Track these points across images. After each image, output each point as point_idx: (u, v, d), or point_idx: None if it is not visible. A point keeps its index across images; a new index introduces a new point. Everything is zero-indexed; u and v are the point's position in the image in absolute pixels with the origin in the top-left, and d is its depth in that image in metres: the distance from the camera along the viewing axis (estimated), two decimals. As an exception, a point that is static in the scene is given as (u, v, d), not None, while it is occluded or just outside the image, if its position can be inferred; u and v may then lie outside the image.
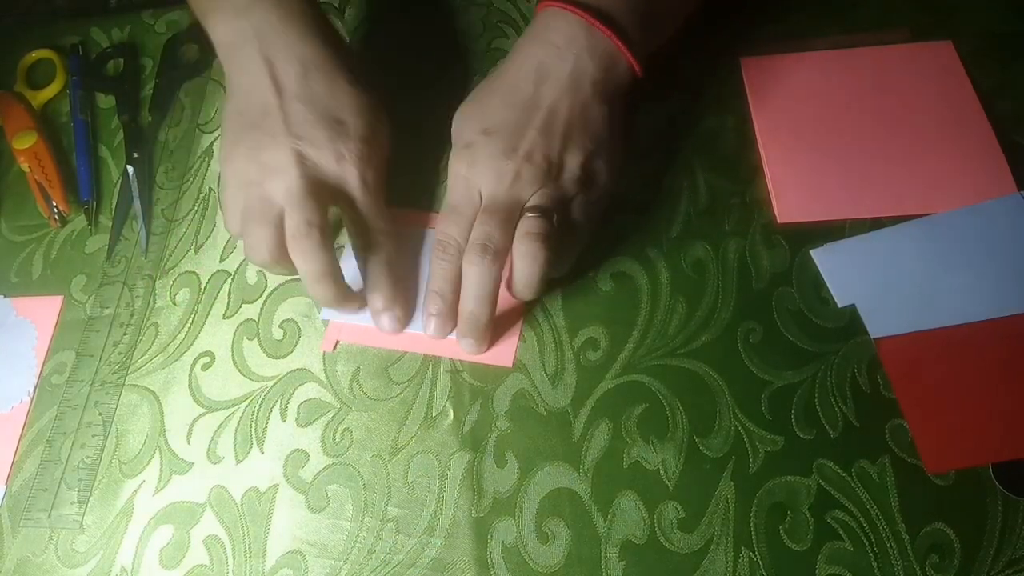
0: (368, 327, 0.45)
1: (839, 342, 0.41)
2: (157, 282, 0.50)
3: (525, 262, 0.40)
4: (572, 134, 0.42)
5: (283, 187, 0.42)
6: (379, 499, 0.41)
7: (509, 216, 0.41)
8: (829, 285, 0.43)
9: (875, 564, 0.36)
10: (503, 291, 0.42)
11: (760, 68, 0.50)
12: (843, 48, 0.50)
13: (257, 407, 0.44)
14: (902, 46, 0.49)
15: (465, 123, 0.44)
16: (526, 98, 0.43)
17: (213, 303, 0.48)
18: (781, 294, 0.43)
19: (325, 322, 0.46)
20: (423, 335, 0.44)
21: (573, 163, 0.42)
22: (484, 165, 0.42)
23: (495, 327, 0.43)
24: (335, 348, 0.45)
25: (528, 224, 0.40)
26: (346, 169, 0.43)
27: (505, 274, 0.42)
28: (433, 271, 0.43)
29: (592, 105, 0.43)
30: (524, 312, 0.45)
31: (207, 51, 0.58)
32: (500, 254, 0.40)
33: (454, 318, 0.43)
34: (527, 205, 0.41)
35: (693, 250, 0.45)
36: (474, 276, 0.41)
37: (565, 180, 0.42)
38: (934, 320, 0.41)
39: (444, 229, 0.43)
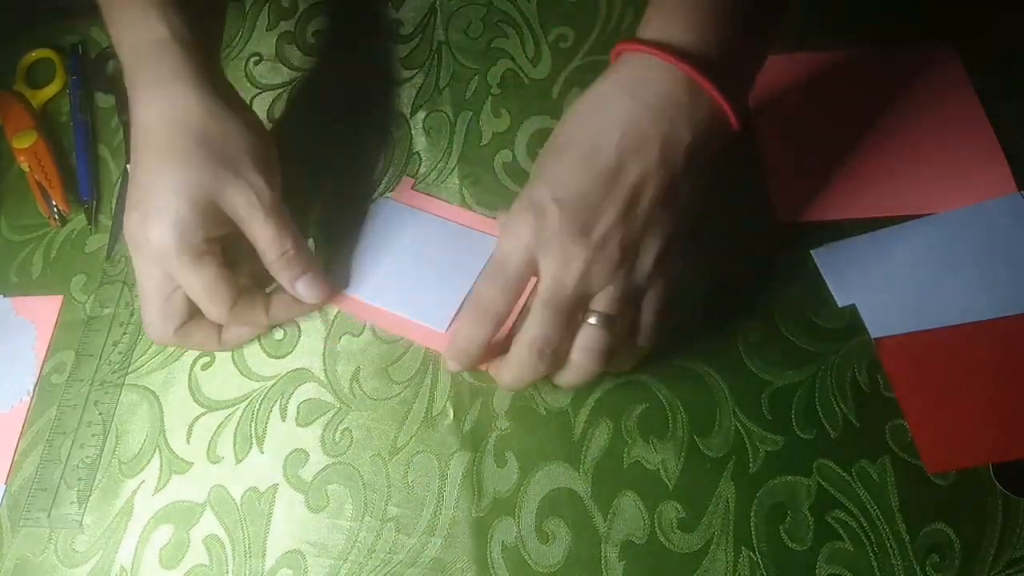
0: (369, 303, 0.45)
1: (839, 342, 0.41)
2: (157, 282, 0.50)
3: (575, 372, 0.37)
4: (655, 217, 0.36)
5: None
6: (379, 499, 0.41)
7: (573, 317, 0.36)
8: (829, 285, 0.43)
9: (875, 564, 0.36)
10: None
11: (760, 68, 0.50)
12: (844, 49, 0.50)
13: (257, 407, 0.44)
14: (902, 47, 0.49)
15: (539, 181, 0.38)
16: (608, 167, 0.36)
17: (213, 303, 0.48)
18: (781, 294, 0.43)
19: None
20: (429, 330, 0.44)
21: (650, 253, 0.37)
22: (551, 243, 0.36)
23: (502, 343, 0.40)
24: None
25: (589, 338, 0.36)
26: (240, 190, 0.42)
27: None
28: (461, 330, 0.39)
29: (683, 183, 0.37)
30: None
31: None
32: (558, 359, 0.37)
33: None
34: (592, 307, 0.37)
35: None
36: (516, 367, 0.37)
37: (637, 274, 0.37)
38: (934, 320, 0.41)
39: (485, 292, 0.38)
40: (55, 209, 0.53)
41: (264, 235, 0.42)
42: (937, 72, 0.48)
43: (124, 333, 0.48)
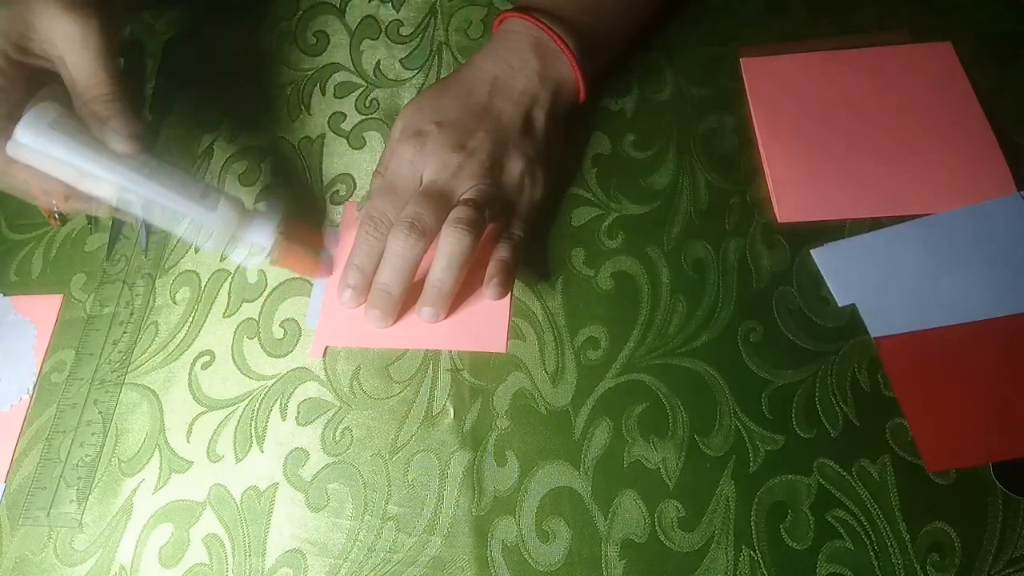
0: (356, 330, 0.45)
1: (839, 341, 0.41)
2: (157, 281, 0.50)
3: (449, 245, 0.41)
4: (517, 142, 0.45)
5: None
6: (379, 498, 0.41)
7: (443, 202, 0.43)
8: (829, 284, 0.43)
9: (876, 563, 0.36)
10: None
11: (760, 68, 0.50)
12: (843, 48, 0.50)
13: (257, 406, 0.44)
14: (902, 47, 0.49)
15: (418, 113, 0.46)
16: (479, 103, 0.46)
17: (213, 302, 0.48)
18: (781, 293, 0.43)
19: (311, 329, 0.46)
20: (411, 330, 0.45)
21: (514, 168, 0.45)
22: (432, 153, 0.44)
23: (481, 315, 0.44)
24: (325, 354, 0.45)
25: (458, 211, 0.42)
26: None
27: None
28: (358, 244, 0.44)
29: (537, 120, 0.46)
30: (512, 298, 0.45)
31: (206, 52, 0.58)
32: (426, 235, 0.42)
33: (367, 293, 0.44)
34: (462, 196, 0.43)
35: (693, 250, 0.45)
36: (396, 249, 0.42)
37: (503, 182, 0.44)
38: (934, 319, 0.41)
39: (378, 206, 0.44)
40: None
41: (79, 71, 0.40)
42: (937, 73, 0.48)
43: (124, 332, 0.48)
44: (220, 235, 0.43)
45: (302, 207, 0.50)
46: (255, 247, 0.44)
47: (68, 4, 0.40)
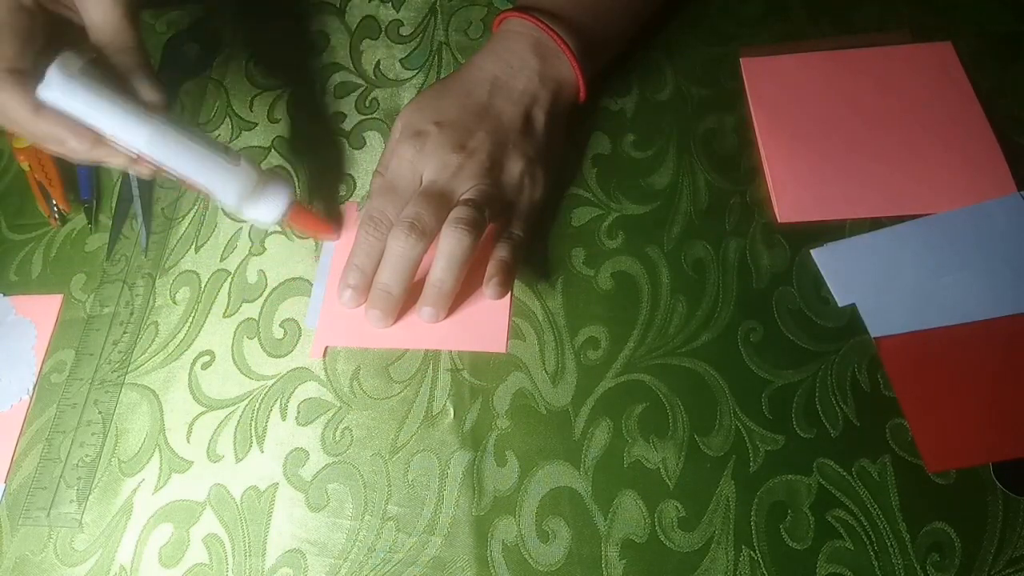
0: (356, 330, 0.45)
1: (839, 341, 0.41)
2: (157, 281, 0.50)
3: (449, 245, 0.41)
4: (517, 142, 0.45)
5: None
6: (379, 498, 0.41)
7: (443, 202, 0.43)
8: (829, 284, 0.43)
9: (876, 563, 0.36)
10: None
11: (760, 68, 0.50)
12: (843, 49, 0.50)
13: (257, 406, 0.44)
14: (902, 47, 0.49)
15: (418, 113, 0.46)
16: (479, 103, 0.46)
17: (213, 302, 0.48)
18: (781, 293, 0.43)
19: (311, 330, 0.46)
20: (411, 330, 0.45)
21: (514, 168, 0.45)
22: (432, 153, 0.44)
23: (481, 315, 0.44)
24: (325, 354, 0.45)
25: (458, 211, 0.42)
26: None
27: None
28: (358, 244, 0.44)
29: (537, 120, 0.46)
30: (512, 298, 0.45)
31: (208, 50, 0.58)
32: (426, 235, 0.42)
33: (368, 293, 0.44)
34: (462, 197, 0.43)
35: (693, 250, 0.45)
36: (396, 249, 0.42)
37: (503, 182, 0.44)
38: (934, 319, 0.41)
39: (378, 205, 0.44)
40: (55, 208, 0.53)
41: (107, 23, 0.40)
42: (937, 73, 0.48)
43: (124, 332, 0.48)
44: (242, 189, 0.42)
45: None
46: (271, 206, 0.44)
47: None
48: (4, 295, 0.51)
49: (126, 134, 0.40)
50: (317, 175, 0.52)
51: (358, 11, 0.58)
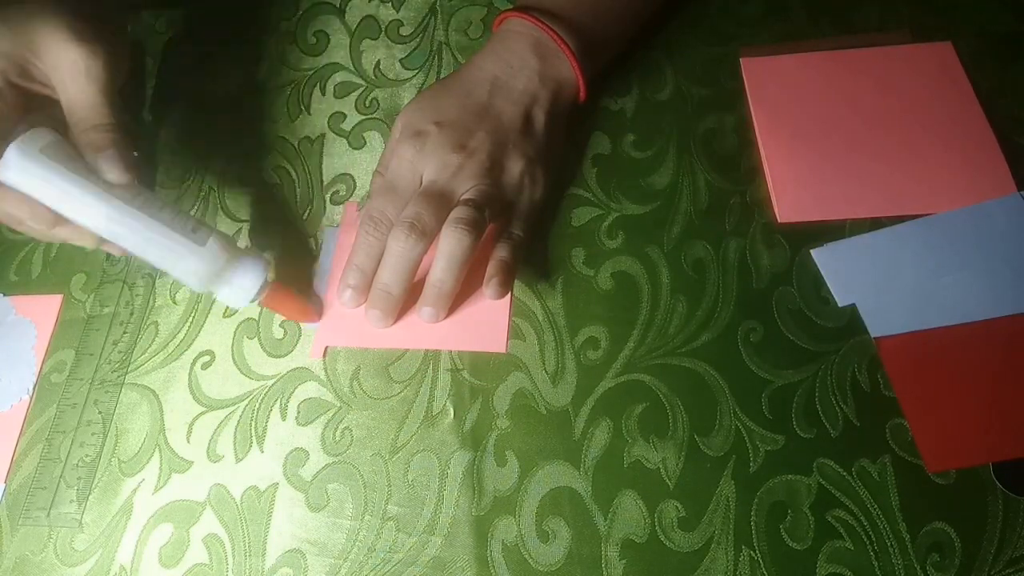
0: (356, 330, 0.45)
1: (839, 341, 0.41)
2: (157, 281, 0.50)
3: (449, 245, 0.41)
4: (517, 142, 0.45)
5: None
6: (379, 498, 0.41)
7: (444, 202, 0.43)
8: (829, 284, 0.43)
9: (876, 563, 0.36)
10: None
11: (760, 68, 0.50)
12: (843, 49, 0.50)
13: (257, 406, 0.44)
14: (902, 47, 0.49)
15: (418, 113, 0.46)
16: (479, 103, 0.46)
17: (213, 302, 0.48)
18: (781, 293, 0.43)
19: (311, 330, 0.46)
20: (411, 330, 0.45)
21: (514, 168, 0.45)
22: (432, 153, 0.44)
23: (481, 315, 0.44)
24: (325, 354, 0.45)
25: (458, 211, 0.42)
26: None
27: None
28: (358, 244, 0.44)
29: (537, 120, 0.46)
30: (512, 298, 0.45)
31: (208, 50, 0.58)
32: (426, 235, 0.42)
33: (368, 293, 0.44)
34: (462, 197, 0.43)
35: (693, 250, 0.45)
36: (396, 250, 0.42)
37: (503, 182, 0.44)
38: (934, 319, 0.41)
39: (379, 205, 0.44)
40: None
41: (80, 100, 0.41)
42: (936, 73, 0.48)
43: (124, 332, 0.48)
44: (207, 273, 0.41)
45: (301, 209, 0.50)
46: (242, 288, 0.42)
47: (77, 34, 0.41)
48: (4, 295, 0.51)
49: (83, 216, 0.40)
50: (316, 176, 0.52)
51: (358, 11, 0.58)
